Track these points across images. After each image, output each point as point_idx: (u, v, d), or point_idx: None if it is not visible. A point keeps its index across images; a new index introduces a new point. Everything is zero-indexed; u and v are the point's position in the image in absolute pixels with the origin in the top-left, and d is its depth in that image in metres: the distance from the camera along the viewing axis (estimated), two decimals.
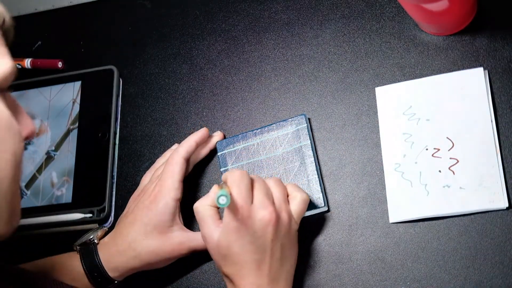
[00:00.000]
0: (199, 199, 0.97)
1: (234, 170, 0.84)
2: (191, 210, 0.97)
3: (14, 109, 0.69)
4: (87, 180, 1.02)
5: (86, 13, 1.14)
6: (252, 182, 0.84)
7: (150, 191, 0.93)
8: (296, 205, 0.86)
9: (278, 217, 0.83)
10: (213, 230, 0.83)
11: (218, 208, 0.85)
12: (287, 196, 0.87)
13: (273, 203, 0.84)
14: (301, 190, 0.88)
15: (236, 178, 0.83)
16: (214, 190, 0.85)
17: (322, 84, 0.97)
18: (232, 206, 0.81)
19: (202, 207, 0.85)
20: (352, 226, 0.90)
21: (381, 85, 0.94)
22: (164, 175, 0.93)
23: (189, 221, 0.96)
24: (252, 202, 0.82)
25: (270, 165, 0.95)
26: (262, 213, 0.82)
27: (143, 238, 0.91)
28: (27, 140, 0.72)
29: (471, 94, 0.88)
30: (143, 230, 0.91)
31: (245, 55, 1.02)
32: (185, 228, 0.93)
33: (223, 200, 0.76)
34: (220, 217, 0.85)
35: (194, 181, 0.98)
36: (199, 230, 0.96)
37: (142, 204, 0.92)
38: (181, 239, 0.91)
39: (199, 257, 0.93)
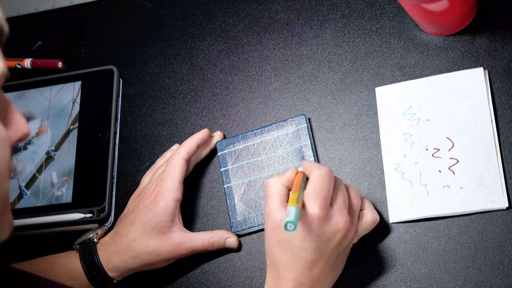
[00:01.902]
0: (199, 198, 0.97)
1: (322, 167, 0.82)
2: (191, 211, 0.97)
3: (6, 110, 0.66)
4: (87, 180, 1.02)
5: (86, 13, 1.14)
6: (335, 184, 0.82)
7: (151, 192, 0.93)
8: (365, 224, 0.85)
9: (348, 228, 0.81)
10: (278, 210, 0.80)
11: (288, 190, 0.82)
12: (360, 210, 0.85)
13: (348, 212, 0.82)
14: (375, 210, 0.86)
15: (323, 175, 0.80)
16: (292, 172, 0.83)
17: (322, 84, 0.97)
18: (310, 203, 0.79)
19: (274, 183, 0.82)
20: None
21: (381, 85, 0.94)
22: (165, 176, 0.93)
23: (189, 221, 0.96)
24: (331, 204, 0.81)
25: (270, 165, 0.95)
26: (337, 219, 0.80)
27: (142, 238, 0.91)
28: (20, 142, 0.69)
29: (471, 94, 0.88)
30: (143, 230, 0.91)
31: (245, 55, 1.02)
32: (184, 228, 0.93)
33: (291, 226, 0.74)
34: (288, 199, 0.82)
35: (194, 181, 0.98)
36: (199, 231, 0.96)
37: (142, 204, 0.92)
38: (180, 240, 0.91)
39: (199, 257, 0.93)
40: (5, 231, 0.66)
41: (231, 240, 0.92)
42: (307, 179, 0.82)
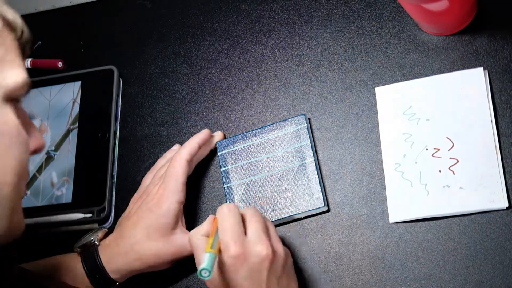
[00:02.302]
0: (199, 199, 0.97)
1: (222, 206, 0.83)
2: (191, 211, 0.97)
3: (25, 121, 0.71)
4: (87, 180, 1.02)
5: (86, 13, 1.14)
6: (243, 215, 0.83)
7: (154, 193, 0.93)
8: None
9: (274, 252, 0.81)
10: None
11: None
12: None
13: (269, 237, 0.82)
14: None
15: (225, 215, 0.82)
16: (209, 221, 0.84)
17: (322, 84, 0.97)
18: (224, 244, 0.80)
19: (196, 236, 0.84)
20: (352, 226, 0.90)
21: (381, 85, 0.94)
22: (167, 178, 0.92)
23: (189, 221, 0.96)
24: (246, 235, 0.81)
25: (270, 165, 0.95)
26: (258, 248, 0.80)
27: (145, 240, 0.91)
28: (35, 154, 0.73)
29: (471, 94, 0.88)
30: (146, 232, 0.91)
31: (245, 55, 1.02)
32: (187, 231, 0.93)
33: (205, 273, 0.75)
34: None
35: (194, 181, 0.98)
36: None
37: (145, 206, 0.92)
38: (183, 242, 0.91)
39: None
40: (20, 229, 0.70)
41: None
42: None
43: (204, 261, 0.76)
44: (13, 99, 0.68)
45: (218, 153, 0.98)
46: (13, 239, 0.70)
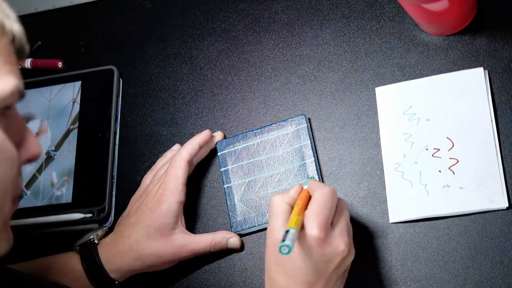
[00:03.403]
0: (199, 199, 0.97)
1: (325, 186, 0.81)
2: (191, 211, 0.97)
3: (19, 129, 0.66)
4: (87, 180, 1.02)
5: (86, 13, 1.14)
6: (337, 205, 0.82)
7: (154, 193, 0.93)
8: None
9: (349, 250, 0.81)
10: (280, 230, 0.79)
11: (292, 207, 0.81)
12: None
13: (349, 235, 0.82)
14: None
15: (325, 197, 0.80)
16: (296, 190, 0.82)
17: (322, 84, 0.97)
18: (311, 223, 0.78)
19: (279, 201, 0.81)
20: (352, 226, 0.89)
21: (381, 85, 0.94)
22: (168, 178, 0.92)
23: (189, 221, 0.96)
24: (332, 225, 0.80)
25: (270, 165, 0.95)
26: (338, 241, 0.79)
27: (145, 240, 0.91)
28: (30, 163, 0.69)
29: (471, 94, 0.88)
30: (145, 232, 0.91)
31: (245, 55, 1.02)
32: (186, 231, 0.93)
33: (285, 250, 0.74)
34: None
35: (194, 181, 0.98)
36: (199, 231, 0.96)
37: (145, 206, 0.92)
38: (183, 242, 0.91)
39: (200, 257, 0.93)
40: (3, 247, 0.67)
41: (233, 240, 0.92)
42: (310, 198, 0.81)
43: (288, 237, 0.74)
44: (1, 108, 0.63)
45: (218, 153, 0.98)
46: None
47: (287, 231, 0.75)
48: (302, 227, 0.78)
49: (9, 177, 0.64)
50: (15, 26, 0.65)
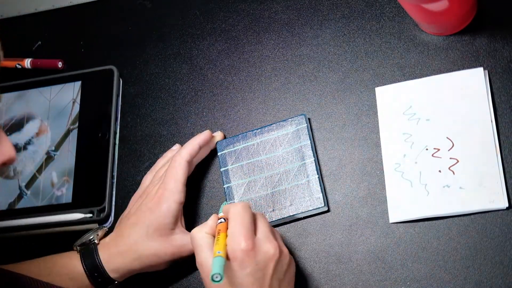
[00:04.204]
0: (199, 199, 0.97)
1: (236, 203, 0.84)
2: (191, 211, 0.97)
3: None
4: (87, 180, 1.02)
5: (86, 13, 1.14)
6: (254, 216, 0.84)
7: (153, 194, 0.93)
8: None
9: (281, 252, 0.82)
10: (208, 260, 0.81)
11: (215, 237, 0.83)
12: None
13: (276, 238, 0.83)
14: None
15: (239, 210, 0.82)
16: (213, 219, 0.85)
17: (322, 84, 0.97)
18: (235, 238, 0.80)
19: (199, 234, 0.84)
20: (352, 226, 0.90)
21: (381, 85, 0.94)
22: (167, 178, 0.92)
23: (189, 221, 0.96)
24: (256, 234, 0.82)
25: (270, 165, 0.95)
26: (267, 246, 0.81)
27: (144, 240, 0.91)
28: (5, 166, 0.69)
29: (471, 94, 0.88)
30: (145, 232, 0.91)
31: (245, 55, 1.02)
32: (186, 231, 0.93)
33: (217, 278, 0.75)
34: None
35: (194, 181, 0.98)
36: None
37: (145, 206, 0.92)
38: (182, 242, 0.91)
39: None
40: None
41: None
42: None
43: (215, 266, 0.76)
44: None
45: (218, 153, 0.98)
46: None
47: (215, 258, 0.77)
48: (230, 245, 0.80)
49: None
50: None
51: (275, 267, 0.81)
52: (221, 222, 0.84)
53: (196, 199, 0.98)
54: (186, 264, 0.94)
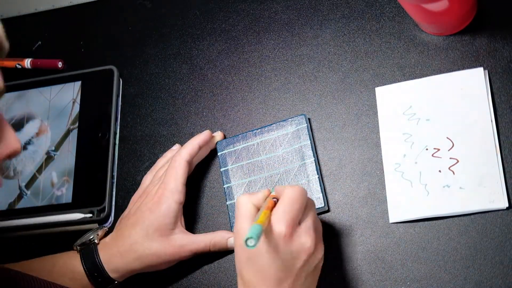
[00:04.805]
0: (199, 199, 0.97)
1: (294, 186, 0.82)
2: (191, 211, 0.97)
3: None
4: (87, 180, 1.02)
5: (86, 13, 1.14)
6: (306, 204, 0.82)
7: (153, 194, 0.93)
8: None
9: (316, 249, 0.81)
10: (246, 229, 0.79)
11: (258, 209, 0.82)
12: None
13: (317, 233, 0.82)
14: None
15: (294, 195, 0.81)
16: (264, 193, 0.83)
17: (322, 84, 0.97)
18: (278, 220, 0.79)
19: (246, 202, 0.82)
20: (352, 226, 0.90)
21: (381, 85, 0.94)
22: (167, 178, 0.92)
23: (189, 221, 0.96)
24: (299, 223, 0.81)
25: (270, 165, 0.95)
26: (305, 239, 0.80)
27: (144, 240, 0.91)
28: (10, 159, 0.69)
29: (471, 94, 0.88)
30: (145, 232, 0.91)
31: (245, 55, 1.02)
32: (186, 231, 0.93)
33: (251, 243, 0.74)
34: None
35: (194, 181, 0.98)
36: (199, 231, 0.96)
37: (144, 206, 0.92)
38: (182, 242, 0.91)
39: (199, 258, 0.93)
40: None
41: (233, 240, 0.92)
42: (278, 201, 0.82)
43: (252, 230, 0.75)
44: None
45: (218, 153, 0.98)
46: None
47: (253, 225, 0.76)
48: (270, 225, 0.79)
49: None
50: None
51: (307, 260, 0.80)
52: (271, 200, 0.82)
53: (196, 199, 0.98)
54: (186, 264, 0.94)
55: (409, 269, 0.86)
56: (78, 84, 1.08)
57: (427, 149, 0.89)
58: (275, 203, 0.82)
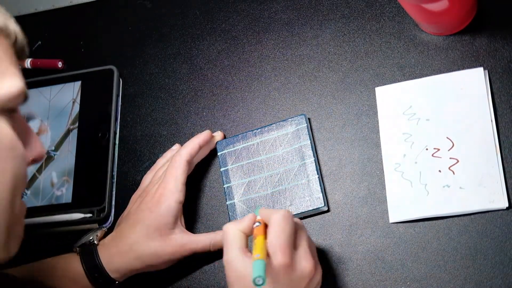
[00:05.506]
0: (199, 199, 0.97)
1: (279, 210, 0.81)
2: (191, 211, 0.97)
3: (23, 131, 0.67)
4: (87, 180, 1.02)
5: (86, 13, 1.14)
6: (296, 227, 0.81)
7: (153, 193, 0.93)
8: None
9: (316, 271, 0.81)
10: (239, 259, 0.79)
11: (247, 236, 0.81)
12: None
13: (313, 255, 0.82)
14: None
15: (281, 221, 0.79)
16: (250, 219, 0.82)
17: (322, 84, 0.97)
18: (273, 250, 0.78)
19: (233, 230, 0.81)
20: (352, 226, 0.90)
21: (381, 85, 0.94)
22: (167, 178, 0.92)
23: (189, 221, 0.96)
24: (295, 248, 0.80)
25: (270, 165, 0.95)
26: (305, 263, 0.79)
27: (144, 240, 0.91)
28: (35, 163, 0.70)
29: (471, 94, 0.88)
30: (145, 232, 0.91)
31: (245, 55, 1.02)
32: (186, 230, 0.93)
33: (259, 281, 0.73)
34: (247, 246, 0.82)
35: (194, 181, 0.98)
36: (199, 231, 0.96)
37: (144, 205, 0.92)
38: (182, 241, 0.91)
39: (200, 257, 0.93)
40: (16, 244, 0.67)
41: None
42: (266, 226, 0.81)
43: (256, 268, 0.74)
44: (8, 109, 0.64)
45: (218, 153, 0.98)
46: (7, 260, 0.66)
47: (256, 261, 0.75)
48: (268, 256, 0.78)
49: (21, 174, 0.65)
50: (16, 28, 0.66)
51: (307, 284, 0.80)
52: (258, 225, 0.81)
53: (196, 199, 0.98)
54: (186, 264, 0.94)
55: (409, 269, 0.86)
56: (78, 84, 1.08)
57: (427, 149, 0.89)
58: (265, 227, 0.81)
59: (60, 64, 1.11)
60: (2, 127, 0.63)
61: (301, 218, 0.92)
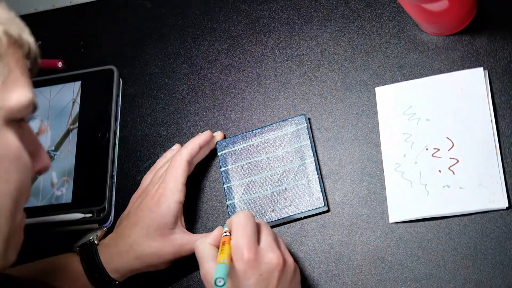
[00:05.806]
0: (199, 199, 0.97)
1: (239, 212, 0.83)
2: (191, 211, 0.97)
3: (31, 142, 0.68)
4: (87, 180, 1.02)
5: (86, 13, 1.14)
6: (258, 225, 0.83)
7: (153, 193, 0.93)
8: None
9: (285, 262, 0.81)
10: (212, 270, 0.80)
11: (218, 247, 0.83)
12: None
13: (279, 247, 0.82)
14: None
15: (242, 220, 0.81)
16: (218, 231, 0.84)
17: (322, 84, 0.97)
18: (237, 249, 0.79)
19: (203, 245, 0.83)
20: (352, 226, 0.90)
21: (381, 85, 0.94)
22: (167, 178, 0.92)
23: (189, 221, 0.96)
24: (259, 244, 0.81)
25: (270, 165, 0.95)
26: (270, 256, 0.80)
27: (144, 240, 0.91)
28: (39, 175, 0.71)
29: (471, 94, 0.88)
30: (145, 232, 0.91)
31: (245, 55, 1.02)
32: (186, 230, 0.93)
33: (220, 282, 0.75)
34: None
35: (194, 181, 0.98)
36: (199, 231, 0.96)
37: (144, 205, 0.92)
38: (182, 241, 0.91)
39: None
40: (14, 253, 0.67)
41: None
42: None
43: (218, 271, 0.76)
44: (17, 120, 0.65)
45: (218, 153, 0.98)
46: (5, 269, 0.66)
47: (219, 265, 0.77)
48: (231, 261, 0.79)
49: (25, 185, 0.65)
50: (30, 39, 0.68)
51: (279, 277, 0.80)
52: (226, 235, 0.83)
53: (196, 199, 0.98)
54: (186, 264, 0.94)
55: (409, 269, 0.86)
56: (78, 84, 1.08)
57: (427, 149, 0.89)
58: (230, 237, 0.82)
59: (60, 64, 1.11)
60: (9, 138, 0.64)
61: (301, 218, 0.92)
